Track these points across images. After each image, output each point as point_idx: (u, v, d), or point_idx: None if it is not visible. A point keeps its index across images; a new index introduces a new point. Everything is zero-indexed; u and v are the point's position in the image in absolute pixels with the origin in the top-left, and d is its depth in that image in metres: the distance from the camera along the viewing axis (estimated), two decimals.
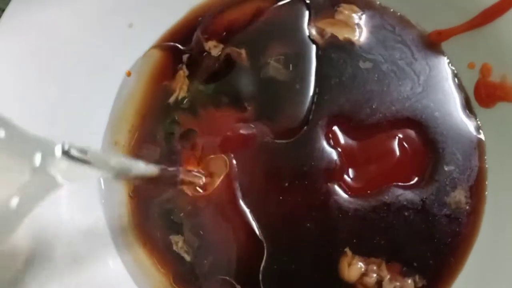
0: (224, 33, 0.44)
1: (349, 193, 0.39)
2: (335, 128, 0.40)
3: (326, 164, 0.40)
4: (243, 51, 0.43)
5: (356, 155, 0.40)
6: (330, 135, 0.40)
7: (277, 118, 0.41)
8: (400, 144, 0.40)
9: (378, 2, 0.43)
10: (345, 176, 0.40)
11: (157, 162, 0.42)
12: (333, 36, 0.42)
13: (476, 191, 0.39)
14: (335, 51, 0.42)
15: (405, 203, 0.39)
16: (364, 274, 0.38)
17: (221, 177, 0.41)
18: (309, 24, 0.43)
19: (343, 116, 0.40)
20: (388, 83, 0.41)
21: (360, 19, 0.42)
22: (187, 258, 0.41)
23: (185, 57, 0.44)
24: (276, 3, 0.44)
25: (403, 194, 0.39)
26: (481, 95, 0.40)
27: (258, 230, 0.40)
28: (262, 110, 0.42)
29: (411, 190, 0.39)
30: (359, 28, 0.42)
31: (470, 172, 0.39)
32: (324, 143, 0.40)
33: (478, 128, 0.40)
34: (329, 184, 0.39)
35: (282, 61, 0.42)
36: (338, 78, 0.41)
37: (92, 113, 0.43)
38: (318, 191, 0.39)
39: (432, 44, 0.41)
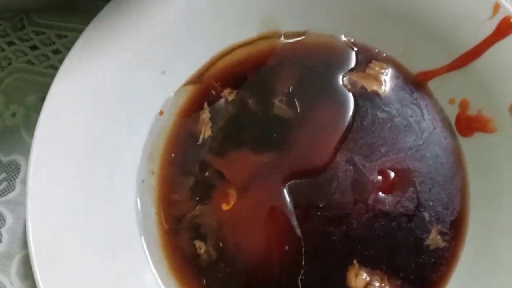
0: (237, 78, 0.51)
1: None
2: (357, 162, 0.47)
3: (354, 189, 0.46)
4: (255, 96, 0.50)
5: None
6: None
7: (303, 159, 0.48)
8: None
9: (376, 50, 0.49)
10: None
11: (191, 190, 0.48)
12: (363, 87, 0.49)
13: (457, 226, 0.45)
14: (362, 100, 0.49)
15: (400, 216, 0.45)
16: (369, 284, 0.44)
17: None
18: (343, 73, 0.50)
19: (360, 155, 0.47)
20: (397, 133, 0.47)
21: (387, 75, 0.49)
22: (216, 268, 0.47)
23: (205, 103, 0.51)
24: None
25: (399, 205, 0.46)
26: (461, 126, 0.46)
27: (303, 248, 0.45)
28: (287, 151, 0.48)
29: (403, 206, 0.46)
30: (385, 83, 0.48)
31: (453, 209, 0.45)
32: (347, 175, 0.47)
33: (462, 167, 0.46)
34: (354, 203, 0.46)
35: (307, 102, 0.49)
36: (360, 122, 0.48)
37: (130, 145, 0.48)
38: (343, 209, 0.46)
39: (419, 83, 0.48)
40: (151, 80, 0.49)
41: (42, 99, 0.54)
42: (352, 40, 0.50)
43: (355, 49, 0.50)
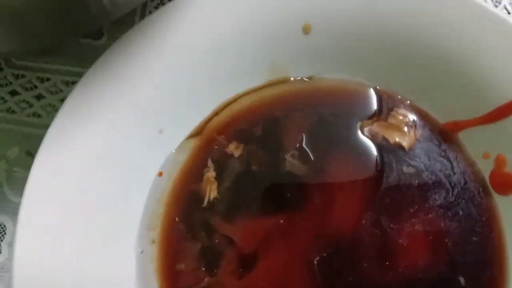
0: (243, 131, 0.46)
1: None
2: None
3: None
4: (264, 150, 0.45)
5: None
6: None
7: (324, 222, 0.42)
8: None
9: (399, 96, 0.44)
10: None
11: (197, 259, 0.43)
12: (384, 139, 0.44)
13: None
14: (385, 153, 0.43)
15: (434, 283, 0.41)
16: None
17: None
18: (362, 123, 0.44)
19: (387, 215, 0.42)
20: (426, 190, 0.42)
21: (411, 126, 0.43)
22: None
23: (209, 160, 0.45)
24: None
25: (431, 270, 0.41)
26: (496, 183, 0.41)
27: None
28: (305, 213, 0.43)
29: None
30: (409, 134, 0.43)
31: (491, 271, 0.41)
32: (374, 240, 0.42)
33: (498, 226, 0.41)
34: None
35: (322, 157, 0.44)
36: (385, 178, 0.43)
37: (127, 213, 0.43)
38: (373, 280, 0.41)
39: (447, 134, 0.42)
40: (148, 140, 0.43)
41: (26, 152, 0.50)
42: (370, 85, 0.45)
43: (375, 95, 0.45)
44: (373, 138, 0.44)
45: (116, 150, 0.42)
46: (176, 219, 0.44)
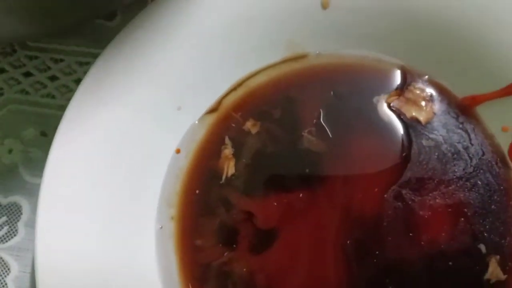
0: (259, 108, 0.45)
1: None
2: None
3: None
4: (281, 128, 0.44)
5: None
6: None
7: (346, 197, 0.42)
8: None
9: (417, 72, 0.43)
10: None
11: (216, 235, 0.42)
12: (402, 113, 0.43)
13: None
14: (404, 127, 0.43)
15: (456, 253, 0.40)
16: None
17: None
18: (378, 98, 0.44)
19: (408, 189, 0.42)
20: (445, 163, 0.42)
21: (429, 101, 0.43)
22: None
23: (227, 138, 0.45)
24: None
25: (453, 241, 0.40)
26: None
27: None
28: (325, 188, 0.42)
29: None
30: (426, 109, 0.42)
31: (510, 239, 0.40)
32: (397, 213, 0.41)
33: None
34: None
35: (340, 133, 0.43)
36: (406, 152, 0.42)
37: (146, 191, 0.43)
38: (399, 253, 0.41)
39: (465, 108, 0.42)
40: (167, 117, 0.43)
41: (41, 133, 0.49)
42: (388, 60, 0.44)
43: (393, 71, 0.44)
44: (391, 113, 0.43)
45: (135, 128, 0.42)
46: (193, 197, 0.44)
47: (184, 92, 0.43)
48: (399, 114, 0.43)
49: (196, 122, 0.45)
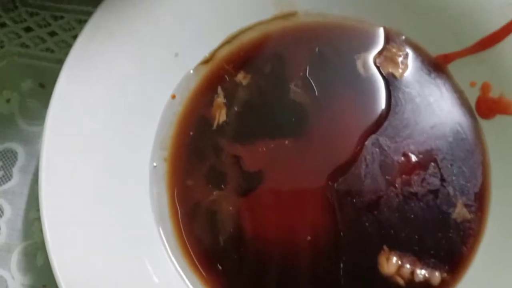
0: (250, 61, 0.48)
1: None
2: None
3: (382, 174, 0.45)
4: (270, 80, 0.48)
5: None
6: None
7: (328, 144, 0.46)
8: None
9: (394, 32, 0.47)
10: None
11: (206, 176, 0.45)
12: (380, 69, 0.47)
13: (481, 197, 0.44)
14: (382, 82, 0.47)
15: (427, 194, 0.44)
16: (401, 267, 0.43)
17: None
18: (359, 55, 0.47)
19: (385, 136, 0.45)
20: (418, 114, 0.46)
21: (405, 57, 0.47)
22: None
23: (219, 87, 0.48)
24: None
25: (424, 183, 0.44)
26: (482, 109, 0.45)
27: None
28: (309, 135, 0.46)
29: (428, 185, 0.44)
30: (402, 65, 0.46)
31: (475, 182, 0.44)
32: (374, 157, 0.45)
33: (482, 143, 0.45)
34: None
35: (324, 86, 0.47)
36: (384, 104, 0.46)
37: (143, 133, 0.45)
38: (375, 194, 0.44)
39: (438, 66, 0.46)
40: (164, 63, 0.45)
41: (39, 84, 0.51)
42: (368, 21, 0.48)
43: (372, 31, 0.48)
44: (371, 69, 0.47)
45: (133, 76, 0.45)
46: (186, 141, 0.47)
47: (182, 41, 0.46)
48: (378, 70, 0.47)
49: (191, 71, 0.47)
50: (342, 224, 0.44)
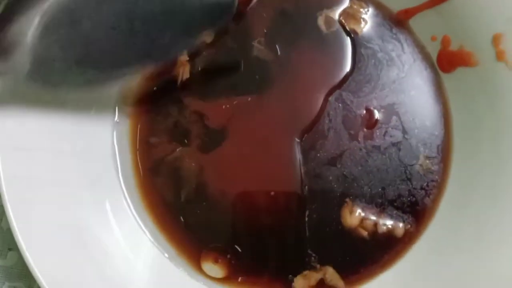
0: None
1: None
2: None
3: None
4: (233, 38, 0.47)
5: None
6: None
7: (291, 100, 0.46)
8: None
9: None
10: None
11: (170, 133, 0.45)
12: (342, 26, 0.46)
13: (444, 149, 0.45)
14: (344, 38, 0.47)
15: (390, 147, 0.44)
16: (364, 219, 0.43)
17: None
18: (321, 12, 0.47)
19: (348, 91, 0.45)
20: (380, 69, 0.46)
21: (366, 14, 0.47)
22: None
23: None
24: None
25: (387, 135, 0.45)
26: (442, 62, 0.45)
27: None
28: (274, 91, 0.46)
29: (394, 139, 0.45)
30: (364, 22, 0.46)
31: (437, 134, 0.45)
32: (337, 112, 0.45)
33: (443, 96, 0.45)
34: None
35: (287, 43, 0.46)
36: (347, 60, 0.46)
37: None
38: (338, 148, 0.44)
39: (400, 21, 0.46)
40: None
41: None
42: None
43: None
44: (331, 25, 0.47)
45: None
46: (149, 97, 0.46)
47: None
48: (341, 26, 0.47)
49: None
50: (306, 178, 0.43)
